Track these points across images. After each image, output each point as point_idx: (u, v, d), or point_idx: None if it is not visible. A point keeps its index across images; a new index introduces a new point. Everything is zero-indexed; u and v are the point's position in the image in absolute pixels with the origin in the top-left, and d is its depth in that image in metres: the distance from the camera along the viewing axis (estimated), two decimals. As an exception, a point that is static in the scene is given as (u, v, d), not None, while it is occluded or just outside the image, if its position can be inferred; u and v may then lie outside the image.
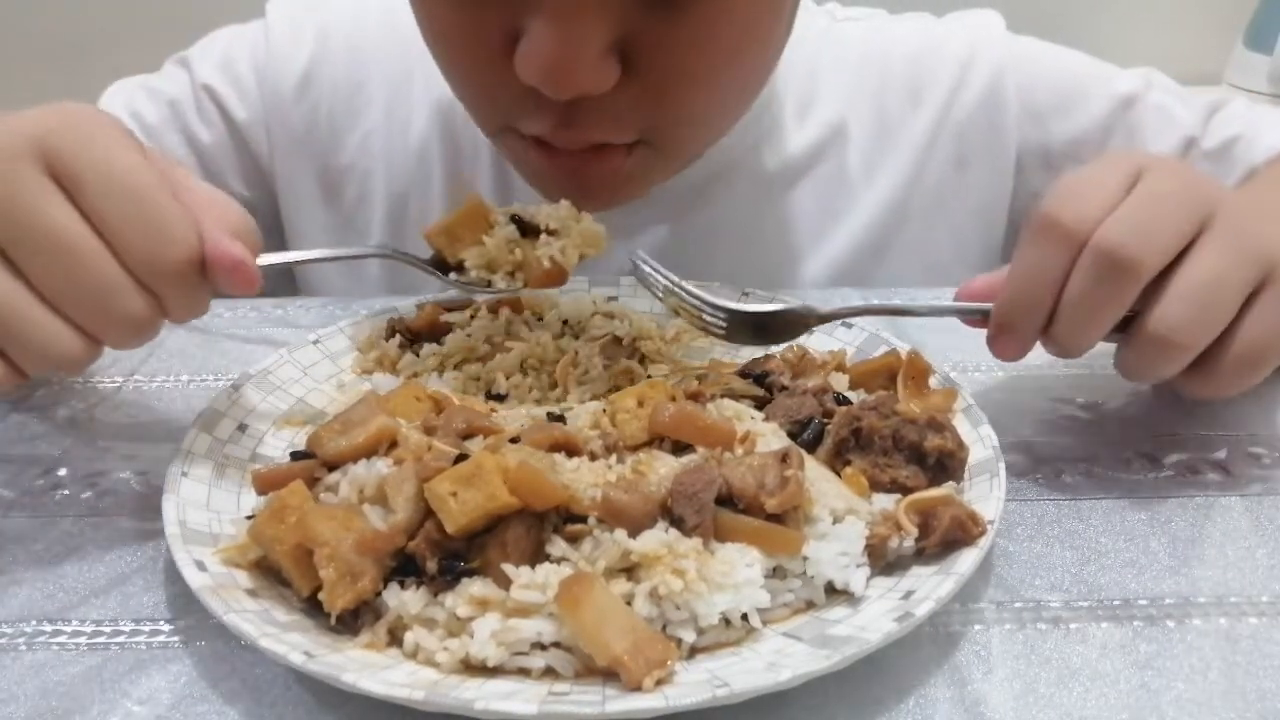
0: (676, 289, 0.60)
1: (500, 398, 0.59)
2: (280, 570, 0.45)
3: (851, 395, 0.57)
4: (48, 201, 0.45)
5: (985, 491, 0.49)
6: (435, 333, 0.65)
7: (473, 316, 0.66)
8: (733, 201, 0.82)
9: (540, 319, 0.66)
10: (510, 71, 0.60)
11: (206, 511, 0.49)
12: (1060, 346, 0.54)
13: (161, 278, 0.46)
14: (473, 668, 0.41)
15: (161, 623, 0.46)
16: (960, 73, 0.83)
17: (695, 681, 0.39)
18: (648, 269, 0.61)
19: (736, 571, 0.43)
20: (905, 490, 0.49)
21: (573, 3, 0.56)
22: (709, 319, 0.60)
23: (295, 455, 0.51)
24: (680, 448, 0.50)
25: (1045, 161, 0.83)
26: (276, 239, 0.88)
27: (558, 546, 0.44)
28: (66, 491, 0.55)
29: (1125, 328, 0.53)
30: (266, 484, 0.49)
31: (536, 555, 0.44)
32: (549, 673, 0.41)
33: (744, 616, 0.43)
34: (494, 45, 0.60)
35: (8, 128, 0.46)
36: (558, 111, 0.61)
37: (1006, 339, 0.54)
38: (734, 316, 0.60)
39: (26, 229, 0.45)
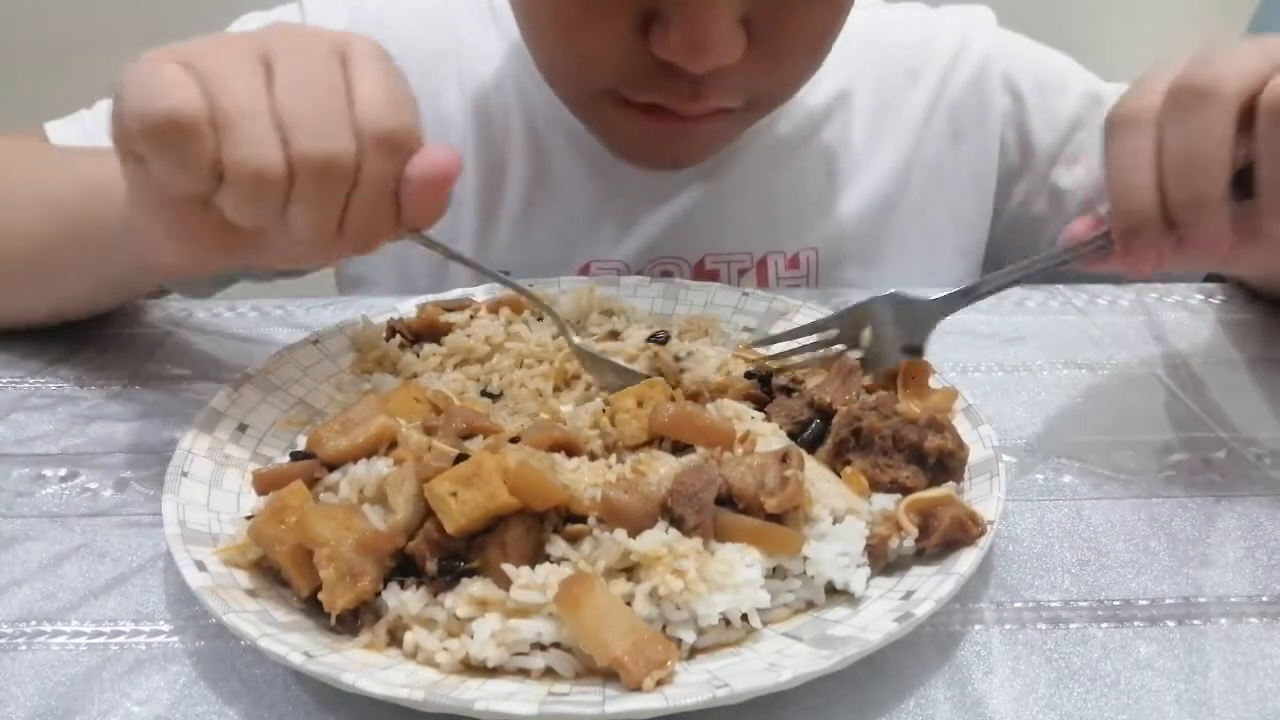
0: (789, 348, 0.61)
1: (496, 396, 0.59)
2: (280, 570, 0.45)
3: (852, 395, 0.56)
4: (323, 45, 0.47)
5: (985, 491, 0.49)
6: (435, 333, 0.65)
7: (472, 317, 0.66)
8: (751, 164, 0.86)
9: (540, 319, 0.66)
10: (637, 46, 0.65)
11: (206, 511, 0.49)
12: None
13: (377, 134, 0.46)
14: (472, 668, 0.41)
15: (161, 623, 0.46)
16: (953, 56, 0.89)
17: (695, 682, 0.39)
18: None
19: (736, 572, 0.43)
20: (905, 490, 0.49)
21: None
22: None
23: (295, 455, 0.51)
24: (680, 448, 0.50)
25: (1022, 141, 0.89)
26: None
27: (558, 546, 0.44)
28: (67, 491, 0.55)
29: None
30: (266, 484, 0.49)
31: (536, 555, 0.44)
32: (549, 673, 0.41)
33: (744, 617, 0.43)
34: (625, 23, 0.64)
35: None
36: (688, 83, 0.65)
37: (1138, 245, 0.50)
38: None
39: (295, 43, 0.46)
